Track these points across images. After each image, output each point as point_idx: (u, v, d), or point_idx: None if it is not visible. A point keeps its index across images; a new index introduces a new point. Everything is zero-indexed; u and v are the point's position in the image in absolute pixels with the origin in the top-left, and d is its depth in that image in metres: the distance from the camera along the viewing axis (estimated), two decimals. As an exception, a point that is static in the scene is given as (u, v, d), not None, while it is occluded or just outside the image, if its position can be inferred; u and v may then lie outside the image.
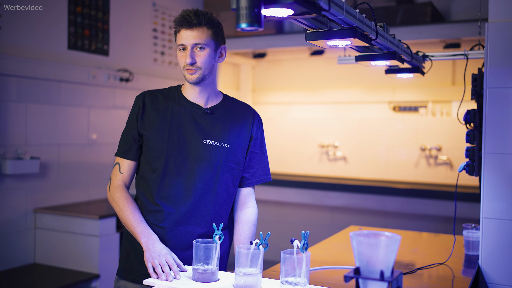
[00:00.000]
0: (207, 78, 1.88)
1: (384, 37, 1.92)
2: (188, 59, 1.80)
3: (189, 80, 1.86)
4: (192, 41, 1.80)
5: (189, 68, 1.82)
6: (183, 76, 1.90)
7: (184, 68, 1.84)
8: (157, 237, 1.81)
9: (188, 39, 1.80)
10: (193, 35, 1.80)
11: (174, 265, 1.70)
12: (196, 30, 1.80)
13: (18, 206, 3.42)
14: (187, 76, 1.85)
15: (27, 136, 3.45)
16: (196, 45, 1.81)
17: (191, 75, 1.84)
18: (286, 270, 1.50)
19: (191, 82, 1.86)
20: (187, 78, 1.85)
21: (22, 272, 3.31)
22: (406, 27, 4.22)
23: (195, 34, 1.80)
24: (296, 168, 5.49)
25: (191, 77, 1.84)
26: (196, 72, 1.83)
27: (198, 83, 1.87)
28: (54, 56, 3.65)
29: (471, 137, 2.38)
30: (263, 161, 2.03)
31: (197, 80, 1.85)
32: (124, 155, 1.92)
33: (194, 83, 1.86)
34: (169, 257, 1.72)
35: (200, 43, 1.80)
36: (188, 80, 1.86)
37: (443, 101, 4.90)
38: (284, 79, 5.73)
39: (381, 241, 1.19)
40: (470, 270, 2.22)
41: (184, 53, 1.82)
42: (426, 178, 4.86)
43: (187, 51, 1.81)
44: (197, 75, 1.84)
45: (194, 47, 1.81)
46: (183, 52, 1.83)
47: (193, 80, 1.85)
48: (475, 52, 2.61)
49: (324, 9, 1.36)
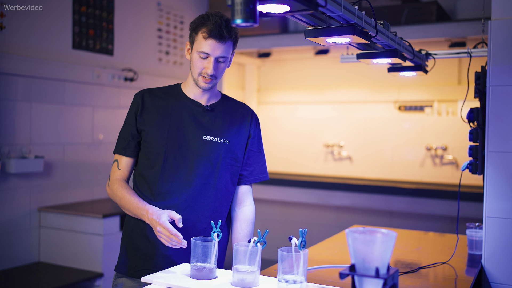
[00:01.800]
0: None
1: (385, 34, 1.91)
2: (211, 71, 1.83)
3: (202, 87, 1.88)
4: (219, 53, 1.82)
5: (207, 77, 1.84)
6: (191, 78, 1.91)
7: (199, 75, 1.86)
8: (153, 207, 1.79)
9: (216, 51, 1.81)
10: (221, 48, 1.82)
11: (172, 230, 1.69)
12: (224, 44, 1.82)
13: (22, 205, 3.43)
14: (201, 84, 1.87)
15: (32, 135, 3.47)
16: (220, 58, 1.83)
17: (206, 83, 1.87)
18: (284, 268, 1.49)
19: (203, 89, 1.89)
20: (200, 85, 1.88)
21: (26, 271, 3.33)
22: (412, 26, 4.19)
23: (223, 48, 1.82)
24: (301, 167, 5.48)
25: (206, 86, 1.88)
26: (211, 82, 1.87)
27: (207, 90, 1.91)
28: (59, 55, 3.67)
29: (474, 136, 2.36)
30: (260, 160, 2.05)
31: (210, 88, 1.89)
32: (122, 152, 1.93)
33: (206, 90, 1.90)
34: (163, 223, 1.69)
35: (224, 57, 1.84)
36: (200, 87, 1.89)
37: (448, 100, 4.87)
38: (289, 79, 5.72)
39: (376, 238, 1.18)
40: (473, 270, 2.20)
41: (206, 62, 1.83)
42: (431, 178, 4.83)
43: (210, 61, 1.83)
44: (211, 84, 1.88)
45: (218, 58, 1.83)
46: (204, 60, 1.84)
47: (207, 88, 1.88)
48: (479, 50, 2.59)
49: (321, 5, 1.35)
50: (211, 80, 1.86)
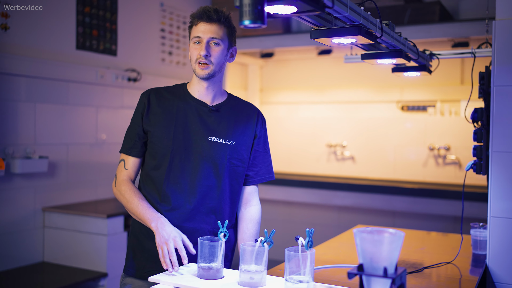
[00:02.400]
0: (216, 75, 1.90)
1: (390, 35, 1.92)
2: (203, 51, 1.82)
3: (200, 75, 1.86)
4: (209, 35, 1.83)
5: (202, 61, 1.84)
6: (192, 72, 1.91)
7: (196, 61, 1.85)
8: (166, 220, 1.81)
9: (206, 33, 1.83)
10: (211, 29, 1.83)
11: (183, 250, 1.71)
12: (215, 26, 1.84)
13: (27, 205, 3.44)
14: (197, 71, 1.86)
15: (36, 136, 3.48)
16: (212, 39, 1.83)
17: (202, 70, 1.85)
18: (291, 268, 1.50)
19: (201, 77, 1.87)
20: (197, 72, 1.86)
21: (30, 271, 3.34)
22: (415, 26, 4.20)
23: (213, 28, 1.83)
24: (303, 167, 5.49)
25: (202, 72, 1.86)
26: (208, 67, 1.85)
27: (207, 79, 1.88)
28: (63, 56, 3.68)
29: (479, 136, 2.37)
30: (266, 160, 2.05)
31: (208, 75, 1.86)
32: (128, 152, 1.93)
33: (204, 78, 1.87)
34: (178, 240, 1.73)
35: (216, 38, 1.84)
36: (198, 75, 1.87)
37: (451, 100, 4.88)
38: (292, 79, 5.73)
39: (384, 238, 1.19)
40: (477, 269, 2.20)
41: (199, 46, 1.84)
42: (434, 178, 4.83)
43: (202, 44, 1.84)
44: (208, 71, 1.86)
45: (210, 41, 1.84)
46: (197, 45, 1.85)
47: (204, 75, 1.86)
48: (483, 50, 2.59)
49: (328, 6, 1.36)
50: (206, 66, 1.84)
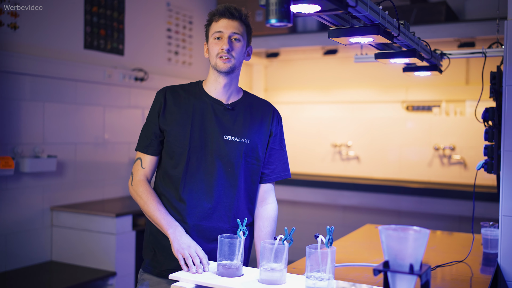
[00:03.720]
0: (236, 71, 1.93)
1: (405, 35, 1.93)
2: (225, 45, 1.85)
3: (221, 69, 1.88)
4: (231, 30, 1.86)
5: (224, 55, 1.86)
6: (212, 72, 1.93)
7: (217, 56, 1.87)
8: (183, 229, 1.84)
9: (228, 28, 1.86)
10: (233, 25, 1.87)
11: (205, 257, 1.73)
12: (236, 22, 1.88)
13: (35, 204, 3.45)
14: (219, 65, 1.87)
15: (44, 135, 3.48)
16: (234, 35, 1.87)
17: (224, 63, 1.87)
18: (311, 265, 1.50)
19: (222, 70, 1.88)
20: (219, 66, 1.87)
21: (39, 270, 3.34)
22: (421, 26, 4.20)
23: (235, 24, 1.87)
24: (309, 167, 5.49)
25: (224, 66, 1.87)
26: (229, 61, 1.87)
27: (228, 73, 1.90)
28: (71, 55, 3.69)
29: (490, 135, 2.38)
30: (282, 158, 2.05)
31: (229, 69, 1.88)
32: (145, 150, 1.94)
33: (226, 72, 1.89)
34: (198, 249, 1.75)
35: (237, 34, 1.87)
36: (220, 69, 1.88)
37: (456, 100, 4.89)
38: (297, 79, 5.74)
39: (409, 235, 1.20)
40: (489, 268, 2.21)
41: (220, 41, 1.87)
42: (439, 178, 4.84)
43: (223, 39, 1.86)
44: (230, 64, 1.87)
45: (232, 36, 1.87)
46: (218, 40, 1.87)
47: (226, 69, 1.88)
48: (493, 50, 2.60)
49: (351, 5, 1.37)
50: (228, 59, 1.87)
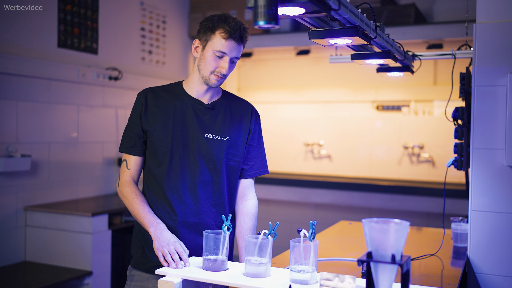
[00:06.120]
0: None
1: (381, 37, 2.00)
2: (226, 70, 1.89)
3: (213, 85, 1.94)
4: (235, 54, 1.90)
5: (219, 75, 1.91)
6: (197, 76, 1.96)
7: (212, 73, 1.91)
8: (165, 226, 1.88)
9: (233, 52, 1.89)
10: (238, 49, 1.91)
11: (184, 253, 1.76)
12: (241, 46, 1.92)
13: (8, 204, 3.41)
14: (212, 81, 1.92)
15: (18, 134, 3.44)
16: (235, 58, 1.92)
17: (217, 81, 1.93)
18: (295, 258, 1.56)
19: (213, 86, 1.94)
20: (211, 83, 1.93)
21: (12, 270, 3.31)
22: (391, 28, 4.32)
23: (239, 49, 1.91)
24: (281, 166, 5.56)
25: (217, 83, 1.94)
26: (222, 79, 1.94)
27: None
28: (44, 54, 3.65)
29: (459, 133, 2.48)
30: (260, 154, 2.13)
31: (219, 85, 1.96)
32: (129, 151, 1.97)
33: (215, 87, 1.96)
34: (177, 245, 1.79)
35: (237, 58, 1.93)
36: (211, 85, 1.93)
37: (425, 100, 5.03)
38: (270, 78, 5.80)
39: (391, 227, 1.26)
40: (459, 261, 2.32)
41: (221, 61, 1.89)
42: (408, 176, 4.98)
43: (225, 61, 1.89)
44: (221, 82, 1.95)
45: (233, 59, 1.91)
46: (219, 59, 1.89)
47: (217, 86, 1.95)
48: (463, 52, 2.71)
49: (334, 8, 1.42)
50: (221, 79, 1.93)
